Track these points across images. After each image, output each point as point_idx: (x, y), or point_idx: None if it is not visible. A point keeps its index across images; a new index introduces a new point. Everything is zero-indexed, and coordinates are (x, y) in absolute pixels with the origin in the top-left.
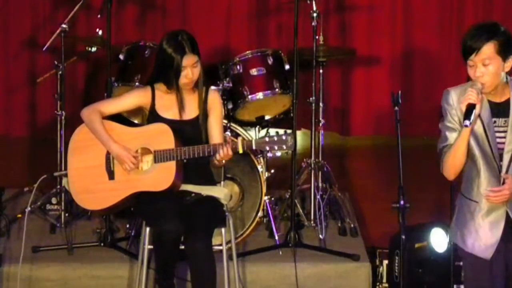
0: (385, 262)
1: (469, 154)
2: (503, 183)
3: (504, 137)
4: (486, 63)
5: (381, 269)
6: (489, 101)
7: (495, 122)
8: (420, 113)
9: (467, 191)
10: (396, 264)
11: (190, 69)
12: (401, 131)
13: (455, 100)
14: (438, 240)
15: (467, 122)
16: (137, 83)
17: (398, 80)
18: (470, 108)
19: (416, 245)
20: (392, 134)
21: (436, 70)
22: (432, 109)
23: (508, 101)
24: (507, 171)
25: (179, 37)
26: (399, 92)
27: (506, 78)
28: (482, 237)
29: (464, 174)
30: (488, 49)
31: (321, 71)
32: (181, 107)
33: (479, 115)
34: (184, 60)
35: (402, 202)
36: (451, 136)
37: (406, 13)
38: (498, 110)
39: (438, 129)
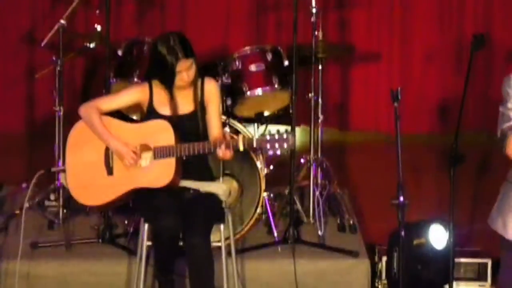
0: (384, 258)
1: None
2: None
3: None
4: None
5: (380, 265)
6: None
7: None
8: (419, 109)
9: None
10: (395, 261)
11: (184, 72)
12: (401, 128)
13: None
14: (437, 236)
15: None
16: (135, 79)
17: (397, 76)
18: None
19: (415, 242)
20: (391, 130)
21: (435, 66)
22: (431, 105)
23: None
24: None
25: (171, 41)
26: (399, 88)
27: None
28: None
29: None
30: None
31: (320, 67)
32: (176, 103)
33: None
34: (178, 65)
35: (401, 199)
36: None
37: (404, 9)
38: None
39: (499, 112)
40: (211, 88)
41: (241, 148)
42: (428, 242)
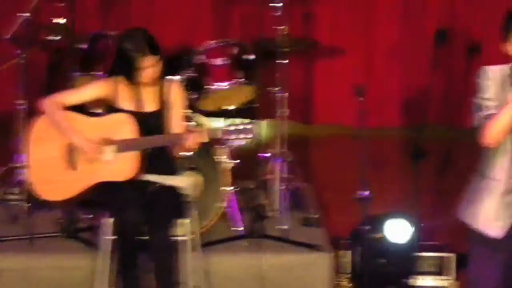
0: (348, 252)
1: None
2: None
3: None
4: None
5: (344, 259)
6: None
7: None
8: (383, 103)
9: (487, 169)
10: (358, 255)
11: (150, 69)
12: (365, 122)
13: (492, 75)
14: (400, 230)
15: None
16: (99, 73)
17: (361, 71)
18: None
19: (377, 236)
20: (355, 124)
21: (398, 61)
22: (395, 100)
23: None
24: None
25: (137, 37)
26: (363, 83)
27: None
28: (496, 216)
29: (486, 152)
30: None
31: (284, 61)
32: (141, 100)
33: None
34: (144, 62)
35: (365, 193)
36: (491, 105)
37: (368, 4)
38: None
39: (473, 103)
40: (176, 88)
41: (206, 139)
42: (389, 236)
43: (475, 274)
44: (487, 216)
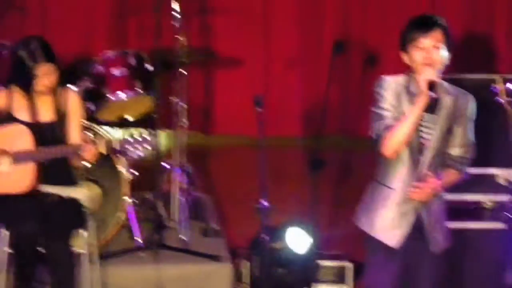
0: (247, 262)
1: None
2: (420, 177)
3: (427, 133)
4: (437, 46)
5: (243, 269)
6: None
7: (421, 116)
8: (282, 113)
9: (383, 178)
10: (257, 264)
11: (45, 77)
12: (264, 132)
13: (388, 85)
14: (297, 239)
15: (432, 94)
16: None
17: (260, 81)
18: (431, 83)
19: (275, 245)
20: (255, 134)
21: (296, 71)
22: (294, 109)
23: (438, 99)
24: (426, 167)
25: (31, 45)
26: (262, 94)
27: None
28: (392, 224)
29: (383, 161)
30: (437, 33)
31: (183, 72)
32: (36, 111)
33: None
34: (38, 70)
35: (264, 203)
36: (388, 115)
37: (265, 15)
38: (427, 105)
39: (371, 113)
40: (73, 99)
41: (103, 151)
42: (287, 245)
43: (371, 282)
44: (383, 224)
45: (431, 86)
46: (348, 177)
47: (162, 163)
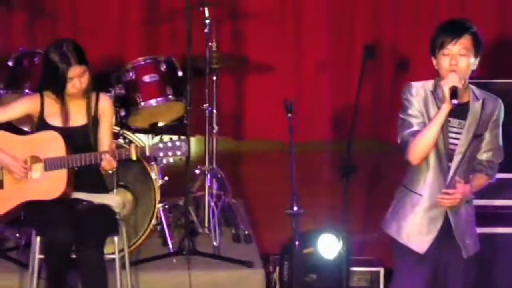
0: (278, 268)
1: None
2: (450, 183)
3: (456, 138)
4: (462, 53)
5: (274, 275)
6: None
7: (449, 121)
8: (313, 118)
9: (412, 184)
10: (288, 270)
11: (77, 79)
12: (295, 137)
13: (416, 92)
14: (328, 245)
15: (455, 101)
16: (26, 90)
17: (291, 86)
18: (454, 90)
19: (305, 251)
20: (286, 139)
21: (327, 76)
22: (325, 114)
23: (466, 104)
24: (455, 172)
25: (64, 47)
26: (292, 99)
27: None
28: (420, 230)
29: (411, 167)
30: (466, 40)
31: (214, 78)
32: (68, 115)
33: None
34: (71, 71)
35: (295, 208)
36: (416, 122)
37: (296, 20)
38: (455, 110)
39: (399, 119)
40: (105, 104)
41: (134, 157)
42: (317, 251)
43: (400, 285)
44: (411, 230)
45: (454, 93)
46: (380, 182)
47: (194, 169)
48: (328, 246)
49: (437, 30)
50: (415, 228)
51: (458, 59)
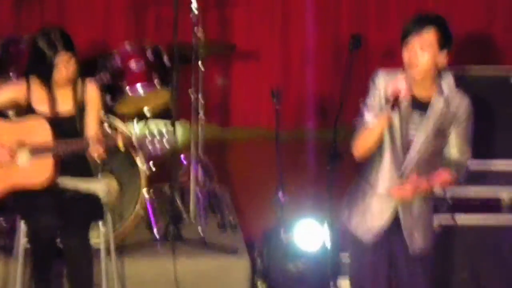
0: (263, 255)
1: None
2: (403, 176)
3: (416, 130)
4: (423, 48)
5: (258, 262)
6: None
7: (411, 112)
8: (300, 106)
9: (366, 173)
10: (273, 257)
11: (63, 66)
12: (281, 125)
13: (381, 83)
14: (311, 233)
15: (390, 109)
16: (12, 77)
17: (277, 74)
18: (396, 98)
19: (288, 238)
20: (272, 126)
21: (314, 64)
22: (311, 103)
23: (430, 98)
24: (410, 165)
25: (51, 34)
26: (279, 88)
27: (438, 75)
28: (367, 220)
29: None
30: (428, 34)
31: (200, 64)
32: (55, 102)
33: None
34: (57, 58)
35: (281, 196)
36: (367, 115)
37: (283, 8)
38: (418, 103)
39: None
40: (92, 91)
41: (121, 147)
42: (300, 239)
43: (353, 275)
44: (359, 220)
45: (395, 101)
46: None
47: (180, 156)
48: (311, 233)
49: (406, 22)
50: (363, 218)
51: (417, 54)
